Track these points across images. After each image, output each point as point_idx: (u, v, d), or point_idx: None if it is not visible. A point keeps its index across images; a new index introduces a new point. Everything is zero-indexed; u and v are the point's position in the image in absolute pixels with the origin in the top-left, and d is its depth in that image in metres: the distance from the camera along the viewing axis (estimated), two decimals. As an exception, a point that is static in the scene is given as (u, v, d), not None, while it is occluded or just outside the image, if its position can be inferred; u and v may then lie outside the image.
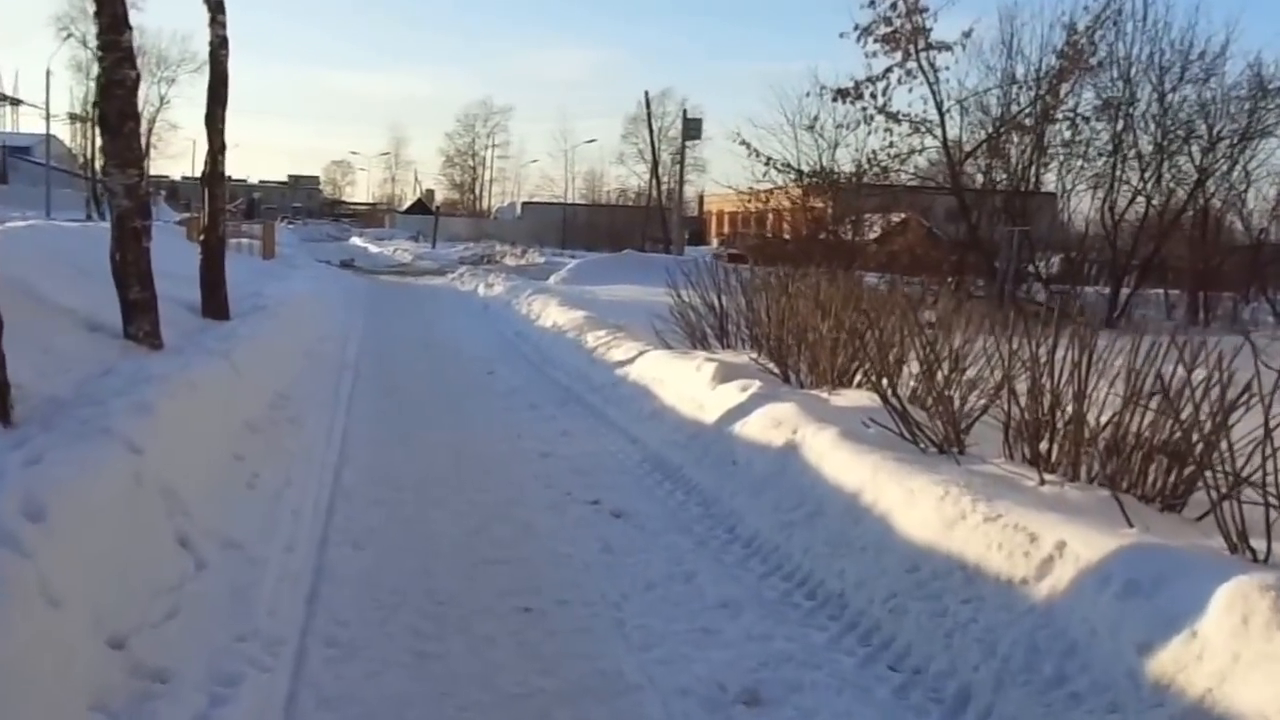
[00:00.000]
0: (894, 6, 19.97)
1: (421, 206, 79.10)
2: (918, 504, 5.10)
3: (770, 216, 27.22)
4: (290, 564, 5.16)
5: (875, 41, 20.70)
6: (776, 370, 8.65)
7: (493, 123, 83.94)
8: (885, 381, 6.62)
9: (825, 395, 7.51)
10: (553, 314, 15.67)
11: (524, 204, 77.11)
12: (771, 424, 6.74)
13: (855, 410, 6.77)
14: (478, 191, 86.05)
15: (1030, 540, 4.42)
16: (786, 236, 24.37)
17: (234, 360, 8.08)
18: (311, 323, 13.61)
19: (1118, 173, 20.63)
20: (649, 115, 50.91)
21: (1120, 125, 20.40)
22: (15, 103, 57.60)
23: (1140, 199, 20.74)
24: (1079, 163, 21.17)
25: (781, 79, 68.12)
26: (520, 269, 34.23)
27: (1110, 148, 20.55)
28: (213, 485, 5.71)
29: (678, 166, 49.99)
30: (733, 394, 7.62)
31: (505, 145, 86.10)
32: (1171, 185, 20.71)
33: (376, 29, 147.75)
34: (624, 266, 28.70)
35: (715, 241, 59.70)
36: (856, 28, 20.25)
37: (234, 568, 4.88)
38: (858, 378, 7.85)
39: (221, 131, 11.60)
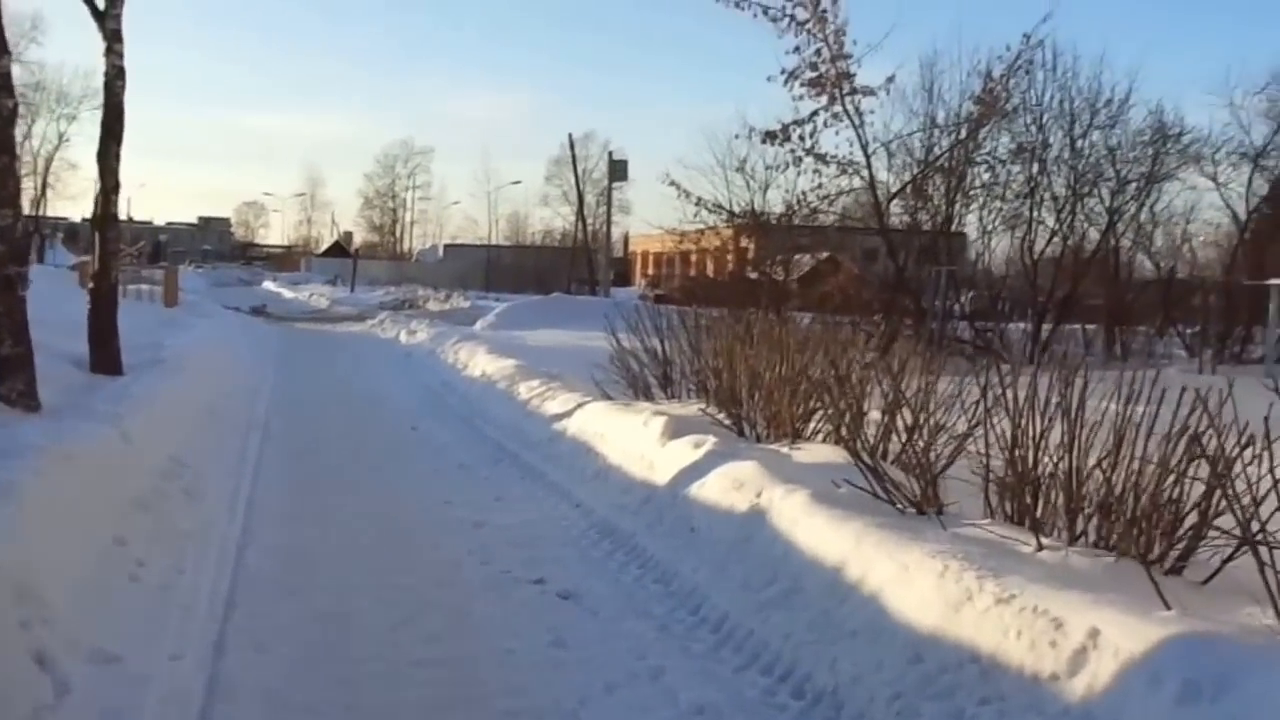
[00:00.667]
0: (818, 53, 20.02)
1: (339, 249, 77.21)
2: (914, 581, 4.44)
3: (696, 257, 27.18)
4: (177, 678, 4.28)
5: (801, 85, 20.80)
6: (729, 422, 7.98)
7: (413, 164, 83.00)
8: (850, 433, 6.01)
9: (785, 450, 6.85)
10: (481, 362, 14.85)
11: (446, 246, 76.24)
12: (732, 485, 6.06)
13: (822, 467, 6.12)
14: (398, 234, 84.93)
15: (1055, 627, 3.79)
16: (716, 277, 24.23)
17: (123, 424, 7.15)
18: (217, 377, 12.60)
19: (1034, 214, 21.21)
20: (573, 157, 51.01)
21: (1035, 169, 20.98)
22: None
23: (1056, 239, 21.38)
24: (997, 204, 21.62)
25: (707, 121, 68.54)
26: (445, 314, 33.29)
27: (1027, 189, 21.07)
28: (86, 580, 4.80)
29: (603, 209, 49.83)
30: (686, 451, 6.92)
31: (426, 186, 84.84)
32: (1085, 225, 21.46)
33: (291, 69, 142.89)
34: (553, 310, 27.99)
35: (641, 282, 59.65)
36: (783, 72, 20.21)
37: (106, 689, 4.00)
38: (815, 426, 7.24)
39: (115, 169, 10.64)
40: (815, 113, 20.83)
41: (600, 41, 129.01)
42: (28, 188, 50.09)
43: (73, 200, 66.85)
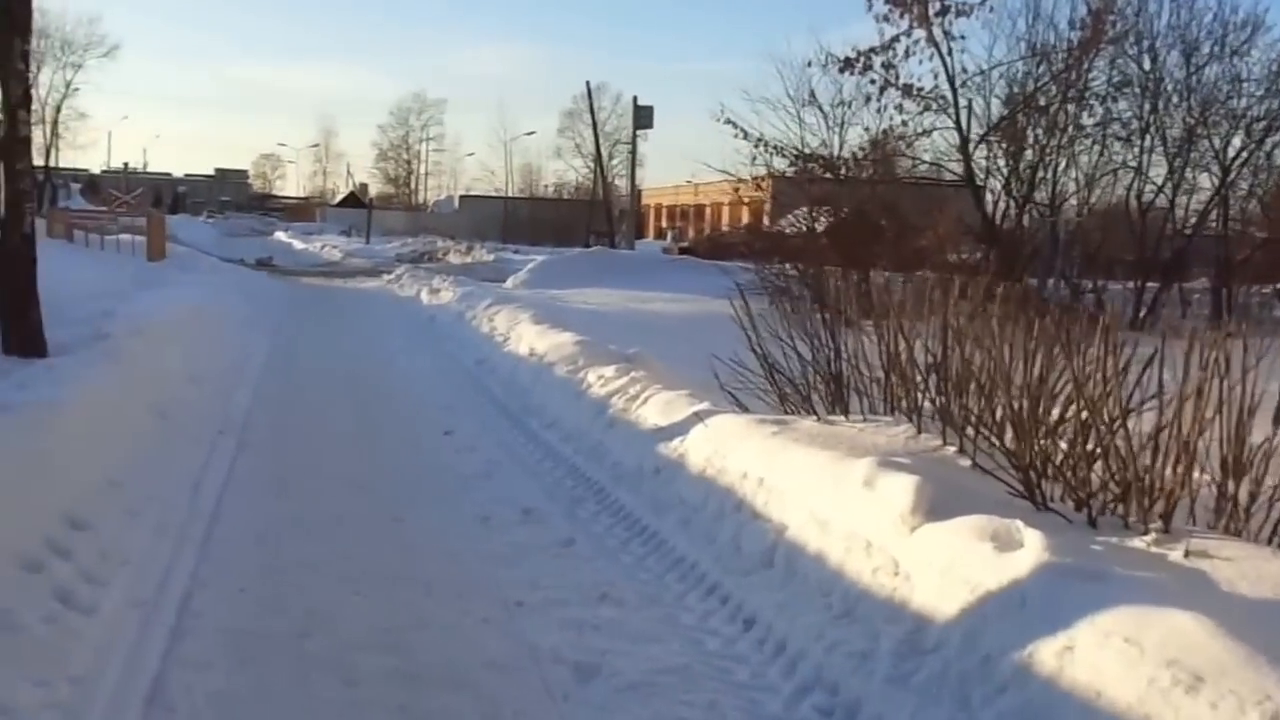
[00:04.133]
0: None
1: (354, 200, 76.61)
2: None
3: (712, 209, 25.62)
4: None
5: (886, 1, 17.59)
6: (1016, 481, 4.62)
7: (427, 115, 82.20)
8: None
9: (1161, 549, 3.64)
10: (526, 335, 11.64)
11: (462, 197, 74.87)
12: (1172, 683, 2.85)
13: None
14: (413, 185, 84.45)
15: None
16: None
17: None
18: (184, 356, 9.42)
19: (1144, 158, 18.64)
20: (591, 106, 49.59)
21: (1146, 106, 18.32)
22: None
23: (1168, 188, 18.71)
24: (1099, 148, 18.91)
25: (722, 81, 66.45)
26: (467, 268, 30.11)
27: (1137, 129, 18.36)
28: None
29: (615, 161, 48.16)
30: (977, 558, 3.67)
31: (440, 138, 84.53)
32: (1194, 173, 18.79)
33: (306, 20, 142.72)
34: (591, 266, 24.75)
35: (670, 234, 56.99)
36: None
37: None
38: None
39: (24, 75, 7.44)
40: (894, 39, 17.83)
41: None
42: (37, 138, 47.70)
43: (82, 150, 64.56)
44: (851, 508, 4.37)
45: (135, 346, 8.32)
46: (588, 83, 47.43)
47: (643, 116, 46.09)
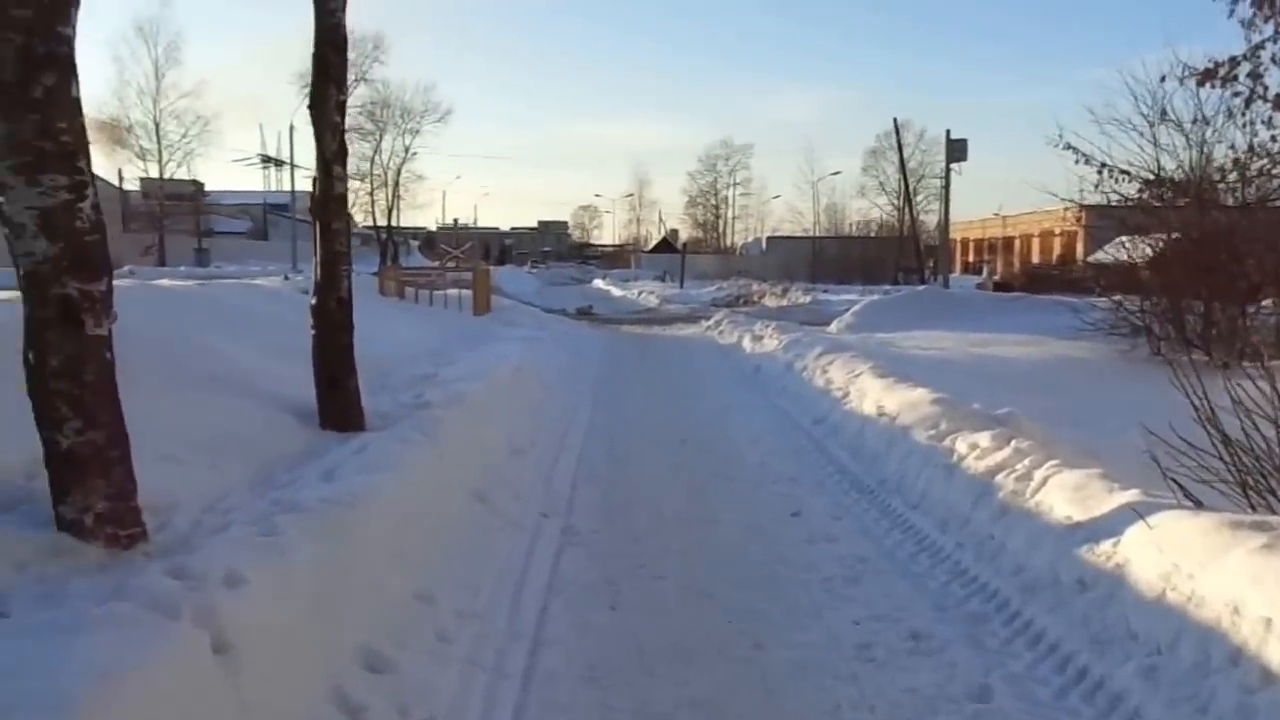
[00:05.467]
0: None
1: (667, 245, 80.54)
2: None
3: (1021, 242, 22.89)
4: None
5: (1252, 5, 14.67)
6: None
7: (734, 161, 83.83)
8: None
9: None
10: (870, 390, 10.20)
11: (769, 238, 76.87)
12: None
13: None
14: (721, 229, 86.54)
15: None
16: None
17: (293, 566, 3.30)
18: (503, 424, 8.75)
19: None
20: (899, 141, 50.42)
21: None
22: (270, 162, 58.37)
23: None
24: None
25: (1030, 111, 64.43)
26: (783, 310, 29.02)
27: None
28: None
29: (920, 197, 47.44)
30: None
31: (747, 182, 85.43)
32: None
33: (622, 81, 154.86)
34: (919, 306, 22.90)
35: (985, 269, 54.26)
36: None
37: None
38: None
39: (339, 127, 6.97)
40: (1259, 45, 14.87)
41: (916, 30, 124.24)
42: (380, 199, 52.31)
43: (420, 209, 70.49)
44: None
45: (454, 417, 7.66)
46: (895, 119, 46.40)
47: (956, 150, 43.91)
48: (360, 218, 52.63)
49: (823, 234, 69.82)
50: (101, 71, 60.04)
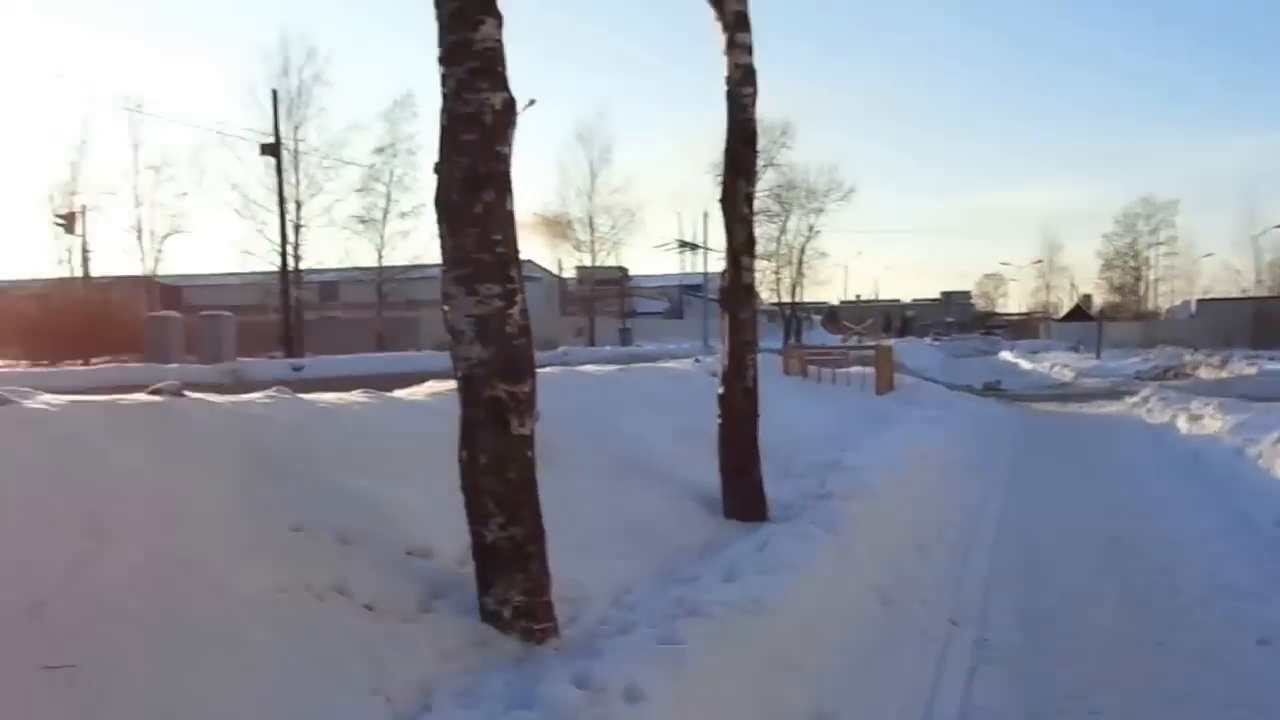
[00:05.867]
0: None
1: (1079, 312, 75.94)
2: None
3: None
4: None
5: None
6: None
7: (1156, 219, 77.44)
8: None
9: None
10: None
11: (1199, 301, 70.47)
12: None
13: None
14: (1141, 292, 79.76)
15: None
16: None
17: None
18: (912, 514, 8.31)
19: None
20: None
21: None
22: (686, 246, 61.95)
23: None
24: None
25: None
26: (1223, 383, 25.89)
27: None
28: None
29: None
30: None
31: (1171, 241, 78.16)
32: None
33: (1026, 146, 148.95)
34: None
35: None
36: None
37: None
38: None
39: (748, 219, 7.04)
40: None
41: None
42: (784, 277, 54.16)
43: (822, 285, 72.22)
44: None
45: (857, 510, 7.38)
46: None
47: None
48: (766, 295, 54.66)
49: (1266, 294, 63.15)
50: (547, 176, 67.27)
